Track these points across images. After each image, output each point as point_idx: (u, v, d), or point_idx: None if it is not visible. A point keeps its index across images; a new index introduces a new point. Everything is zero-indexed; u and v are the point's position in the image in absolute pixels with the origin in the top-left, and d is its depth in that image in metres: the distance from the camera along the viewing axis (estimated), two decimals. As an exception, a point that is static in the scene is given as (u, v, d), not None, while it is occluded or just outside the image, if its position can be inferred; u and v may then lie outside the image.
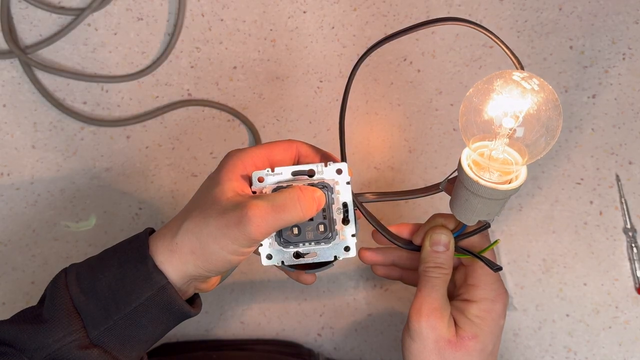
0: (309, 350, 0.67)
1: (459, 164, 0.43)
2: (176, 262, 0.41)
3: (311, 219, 0.44)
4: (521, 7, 0.68)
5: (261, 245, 0.44)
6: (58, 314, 0.40)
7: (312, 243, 0.44)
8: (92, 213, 0.67)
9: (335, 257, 0.45)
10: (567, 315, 0.67)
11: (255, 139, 0.68)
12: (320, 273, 0.70)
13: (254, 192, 0.44)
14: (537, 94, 0.41)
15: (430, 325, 0.44)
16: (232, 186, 0.42)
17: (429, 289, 0.46)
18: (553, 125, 0.41)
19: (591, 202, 0.68)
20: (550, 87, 0.42)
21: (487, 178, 0.42)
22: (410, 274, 0.52)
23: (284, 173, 0.44)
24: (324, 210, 0.44)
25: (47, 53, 0.67)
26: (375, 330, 0.68)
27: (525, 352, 0.67)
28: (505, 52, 0.44)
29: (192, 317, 0.43)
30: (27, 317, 0.42)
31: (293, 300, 0.68)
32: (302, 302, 0.68)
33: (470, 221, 0.45)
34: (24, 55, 0.65)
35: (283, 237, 0.44)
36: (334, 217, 0.44)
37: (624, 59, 0.68)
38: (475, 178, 0.42)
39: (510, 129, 0.42)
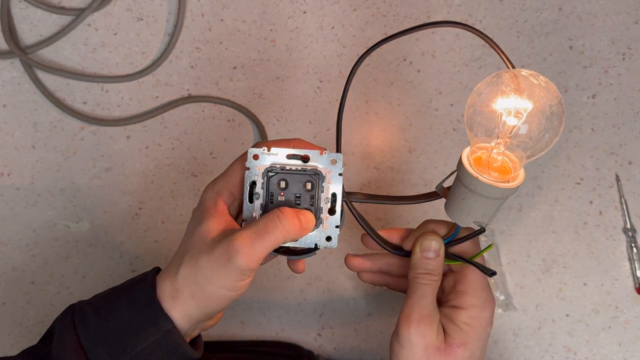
0: (309, 352, 0.67)
1: (459, 162, 0.43)
2: (179, 307, 0.42)
3: (298, 203, 0.45)
4: (521, 7, 0.68)
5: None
6: (66, 354, 0.41)
7: None
8: (87, 216, 0.67)
9: (316, 246, 0.45)
10: (567, 315, 0.67)
11: (262, 136, 0.68)
12: (320, 273, 0.70)
13: (247, 169, 0.44)
14: (544, 89, 0.42)
15: (420, 333, 0.44)
16: (215, 223, 0.43)
17: (419, 296, 0.46)
18: (556, 122, 0.42)
19: (591, 202, 0.68)
20: (554, 85, 0.42)
21: (486, 177, 0.42)
22: (397, 281, 0.52)
23: (280, 155, 0.45)
24: (312, 197, 0.45)
25: (47, 53, 0.67)
26: (375, 330, 0.68)
27: (525, 352, 0.67)
28: (497, 52, 0.44)
29: (194, 359, 0.44)
30: (35, 356, 0.43)
31: (293, 300, 0.68)
32: (302, 302, 0.68)
33: (465, 222, 0.45)
34: (24, 55, 0.65)
35: None
36: (321, 206, 0.45)
37: (624, 59, 0.68)
38: (475, 174, 0.42)
39: (514, 127, 0.42)
